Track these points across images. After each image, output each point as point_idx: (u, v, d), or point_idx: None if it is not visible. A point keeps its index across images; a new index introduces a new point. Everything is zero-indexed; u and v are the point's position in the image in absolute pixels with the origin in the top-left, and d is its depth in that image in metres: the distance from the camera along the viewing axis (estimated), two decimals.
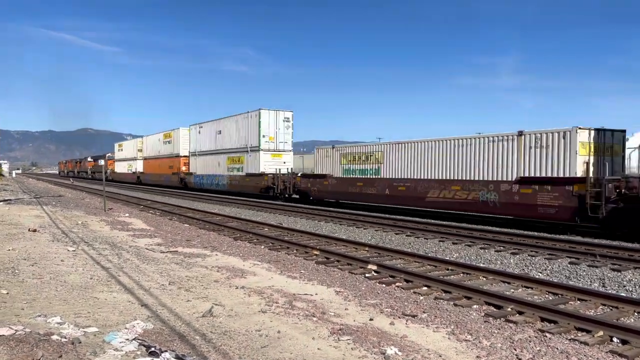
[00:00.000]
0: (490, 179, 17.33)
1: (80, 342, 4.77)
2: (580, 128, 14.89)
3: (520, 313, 6.66)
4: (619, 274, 9.21)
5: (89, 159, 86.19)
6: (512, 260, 10.66)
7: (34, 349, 4.40)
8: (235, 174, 34.76)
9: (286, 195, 29.36)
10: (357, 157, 24.81)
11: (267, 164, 31.70)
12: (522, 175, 16.15)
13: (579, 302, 7.36)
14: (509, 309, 6.81)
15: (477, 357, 5.01)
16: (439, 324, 6.15)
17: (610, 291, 8.17)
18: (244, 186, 33.55)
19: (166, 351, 4.58)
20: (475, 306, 7.15)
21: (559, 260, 10.57)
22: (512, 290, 8.19)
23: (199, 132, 40.98)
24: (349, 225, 17.00)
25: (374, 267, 9.58)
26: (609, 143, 15.44)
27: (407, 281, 8.65)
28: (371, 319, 6.21)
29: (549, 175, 15.48)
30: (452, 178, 18.86)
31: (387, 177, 22.40)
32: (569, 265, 10.04)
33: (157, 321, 5.73)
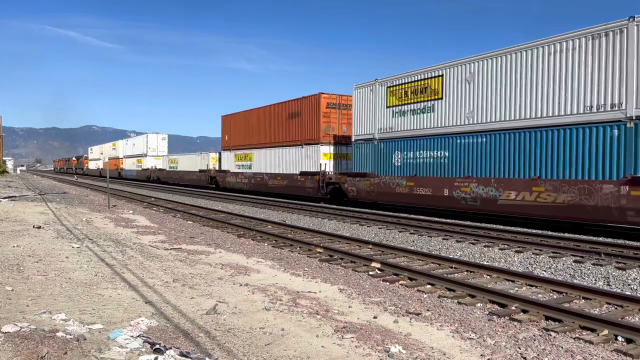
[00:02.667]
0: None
1: (85, 339, 4.78)
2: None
3: (525, 311, 6.65)
4: (624, 272, 9.18)
5: (73, 158, 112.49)
6: (516, 259, 10.64)
7: (39, 346, 4.42)
8: (139, 169, 61.05)
9: (155, 179, 54.54)
10: (171, 161, 52.35)
11: (152, 163, 57.12)
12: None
13: (583, 300, 7.33)
14: (513, 308, 6.80)
15: (481, 355, 5.01)
16: (443, 322, 6.14)
17: (615, 290, 8.14)
18: (141, 175, 59.45)
19: (170, 348, 4.59)
20: (479, 304, 7.14)
21: (564, 258, 10.54)
22: (517, 288, 8.17)
23: (126, 144, 68.68)
24: (352, 223, 17.00)
25: (378, 265, 9.58)
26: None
27: (410, 279, 8.64)
28: (375, 317, 6.21)
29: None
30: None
31: (179, 170, 49.11)
32: (573, 264, 10.00)
33: (162, 318, 5.74)
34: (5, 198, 24.70)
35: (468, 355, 4.99)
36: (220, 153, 39.45)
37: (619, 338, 5.67)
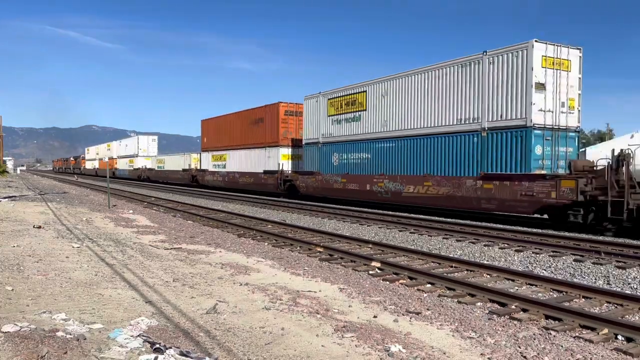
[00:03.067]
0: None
1: (85, 339, 4.78)
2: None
3: (525, 310, 6.65)
4: (624, 271, 9.18)
5: (71, 158, 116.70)
6: (516, 258, 10.64)
7: (39, 346, 4.42)
8: (131, 169, 64.70)
9: (145, 178, 57.57)
10: (159, 161, 55.78)
11: (142, 163, 60.67)
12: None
13: (583, 299, 7.34)
14: (513, 307, 6.80)
15: (481, 354, 5.01)
16: (443, 321, 6.14)
17: (615, 288, 8.15)
18: (133, 175, 62.87)
19: (170, 348, 4.59)
20: (479, 303, 7.14)
21: (564, 257, 10.54)
22: (517, 287, 8.18)
23: (120, 144, 71.93)
24: (353, 223, 17.01)
25: (378, 264, 9.58)
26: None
27: (411, 278, 8.64)
28: (375, 316, 6.21)
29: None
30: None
31: (165, 169, 52.73)
32: (573, 263, 10.01)
33: (162, 318, 5.74)
34: (5, 198, 24.70)
35: (468, 354, 4.99)
36: (200, 154, 43.37)
37: (619, 337, 5.68)
